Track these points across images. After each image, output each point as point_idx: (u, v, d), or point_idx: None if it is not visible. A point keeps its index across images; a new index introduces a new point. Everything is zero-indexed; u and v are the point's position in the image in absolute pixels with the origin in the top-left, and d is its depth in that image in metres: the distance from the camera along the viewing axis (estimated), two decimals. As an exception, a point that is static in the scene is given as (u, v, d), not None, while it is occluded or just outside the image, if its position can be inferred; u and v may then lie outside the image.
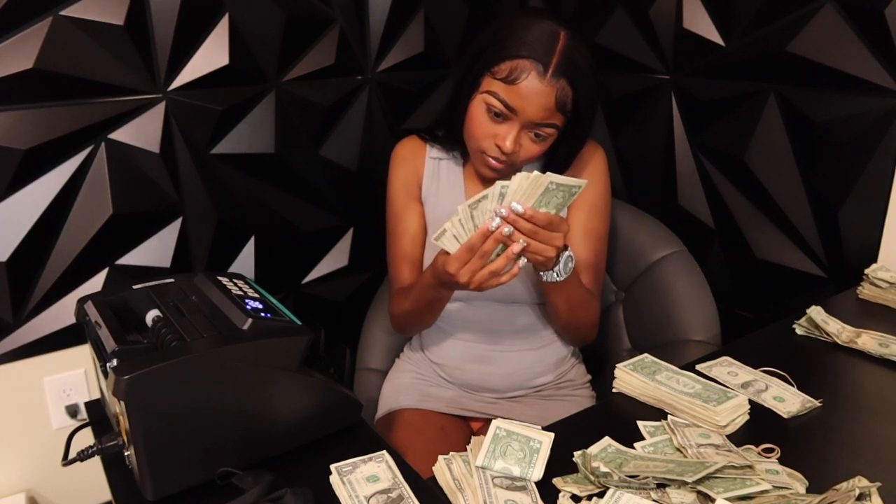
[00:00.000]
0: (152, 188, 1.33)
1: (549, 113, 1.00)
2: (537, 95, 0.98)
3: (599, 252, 1.16)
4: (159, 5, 1.25)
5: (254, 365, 0.77)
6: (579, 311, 1.10)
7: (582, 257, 1.13)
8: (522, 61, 0.98)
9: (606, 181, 1.16)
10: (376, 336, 1.43)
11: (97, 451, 0.80)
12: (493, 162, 1.05)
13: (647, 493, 0.69)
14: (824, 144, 1.25)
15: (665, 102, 1.52)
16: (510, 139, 1.01)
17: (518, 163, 1.05)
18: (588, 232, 1.14)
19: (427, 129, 1.20)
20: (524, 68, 0.97)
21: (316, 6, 1.43)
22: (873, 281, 1.16)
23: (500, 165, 1.05)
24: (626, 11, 1.56)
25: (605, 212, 1.16)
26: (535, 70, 0.97)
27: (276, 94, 1.43)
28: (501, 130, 1.02)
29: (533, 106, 0.98)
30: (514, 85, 0.98)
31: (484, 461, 0.74)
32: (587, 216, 1.14)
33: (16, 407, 1.33)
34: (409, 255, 1.19)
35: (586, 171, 1.14)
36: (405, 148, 1.21)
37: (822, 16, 1.21)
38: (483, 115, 1.03)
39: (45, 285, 1.27)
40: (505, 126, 1.02)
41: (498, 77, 1.00)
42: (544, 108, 0.99)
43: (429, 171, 1.19)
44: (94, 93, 1.22)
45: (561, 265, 0.98)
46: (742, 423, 0.84)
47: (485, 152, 1.05)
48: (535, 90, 0.98)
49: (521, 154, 1.04)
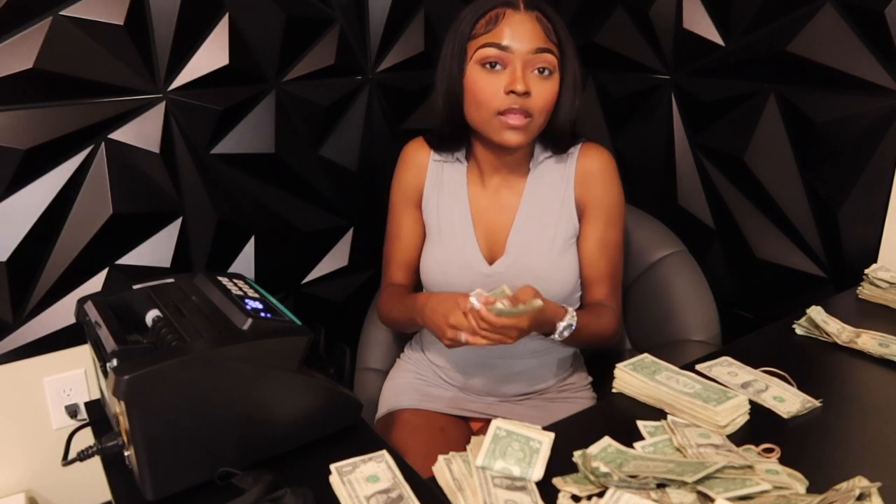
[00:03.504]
0: (152, 188, 1.33)
1: (540, 39, 1.02)
2: (521, 25, 1.01)
3: (616, 262, 1.15)
4: (159, 5, 1.25)
5: (254, 365, 0.77)
6: (591, 341, 1.11)
7: (598, 269, 1.13)
8: (494, 10, 1.03)
9: (620, 189, 1.15)
10: (376, 336, 1.42)
11: (97, 451, 0.80)
12: (512, 119, 1.02)
13: (647, 493, 0.69)
14: (824, 144, 1.25)
15: (665, 102, 1.52)
16: (518, 78, 1.01)
17: (536, 114, 1.03)
18: (604, 244, 1.13)
19: (433, 132, 1.20)
20: (498, 13, 1.03)
21: (316, 6, 1.43)
22: (873, 281, 1.16)
23: (521, 121, 1.02)
24: (626, 11, 1.56)
25: (621, 221, 1.15)
26: (508, 8, 1.03)
27: (276, 94, 1.43)
28: (506, 78, 1.02)
29: (523, 34, 1.01)
30: (497, 27, 1.02)
31: (484, 461, 0.74)
32: (603, 228, 1.13)
33: (16, 407, 1.33)
34: (398, 257, 1.22)
35: (598, 180, 1.12)
36: (410, 151, 1.21)
37: (822, 16, 1.21)
38: (482, 75, 1.03)
39: (45, 285, 1.27)
40: (507, 72, 1.02)
41: (480, 33, 1.03)
42: (533, 35, 1.01)
43: (431, 173, 1.19)
44: (94, 93, 1.22)
45: (556, 334, 1.02)
46: (742, 423, 0.84)
47: (499, 112, 1.03)
48: (517, 21, 1.02)
49: (535, 99, 1.02)
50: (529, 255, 1.11)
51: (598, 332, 1.10)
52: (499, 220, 1.14)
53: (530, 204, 1.13)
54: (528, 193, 1.13)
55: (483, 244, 1.14)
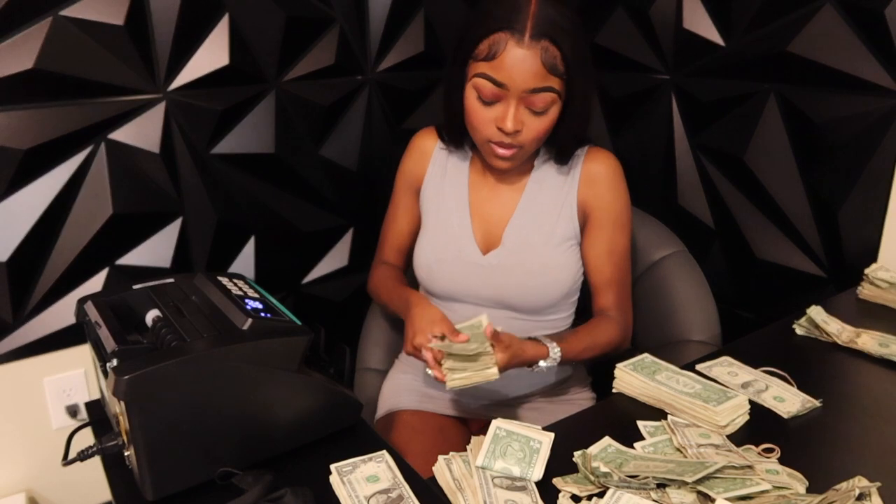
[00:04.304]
0: (152, 188, 1.33)
1: (539, 77, 0.96)
2: (521, 62, 0.95)
3: (623, 268, 1.15)
4: (159, 5, 1.25)
5: (254, 365, 0.77)
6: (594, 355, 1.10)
7: (605, 275, 1.13)
8: (497, 34, 0.96)
9: (627, 196, 1.14)
10: (376, 336, 1.42)
11: (97, 451, 0.80)
12: (501, 150, 1.03)
13: (647, 493, 0.69)
14: (824, 144, 1.25)
15: (665, 102, 1.52)
16: (509, 117, 0.98)
17: (527, 144, 1.03)
18: (611, 251, 1.12)
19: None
20: (500, 40, 0.96)
21: (316, 6, 1.43)
22: (873, 281, 1.16)
23: (509, 152, 1.03)
24: (626, 11, 1.56)
25: (628, 227, 1.15)
26: (511, 39, 0.95)
27: (276, 94, 1.43)
28: (499, 111, 1.00)
29: (520, 74, 0.96)
30: (496, 59, 0.96)
31: (484, 461, 0.74)
32: (611, 234, 1.12)
33: (16, 407, 1.33)
34: (391, 239, 1.26)
35: (606, 186, 1.11)
36: (418, 138, 1.22)
37: (822, 16, 1.21)
38: (476, 103, 1.01)
39: (45, 285, 1.27)
40: (500, 106, 1.00)
41: (480, 58, 0.98)
42: (532, 73, 0.96)
43: (435, 161, 1.19)
44: (94, 93, 1.22)
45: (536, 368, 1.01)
46: (742, 423, 0.84)
47: (490, 140, 1.03)
48: (517, 58, 0.95)
49: (525, 134, 1.01)
50: (524, 249, 1.11)
51: (597, 347, 1.09)
52: (497, 212, 1.14)
53: (531, 200, 1.13)
54: (530, 190, 1.13)
55: (478, 234, 1.14)
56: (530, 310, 1.12)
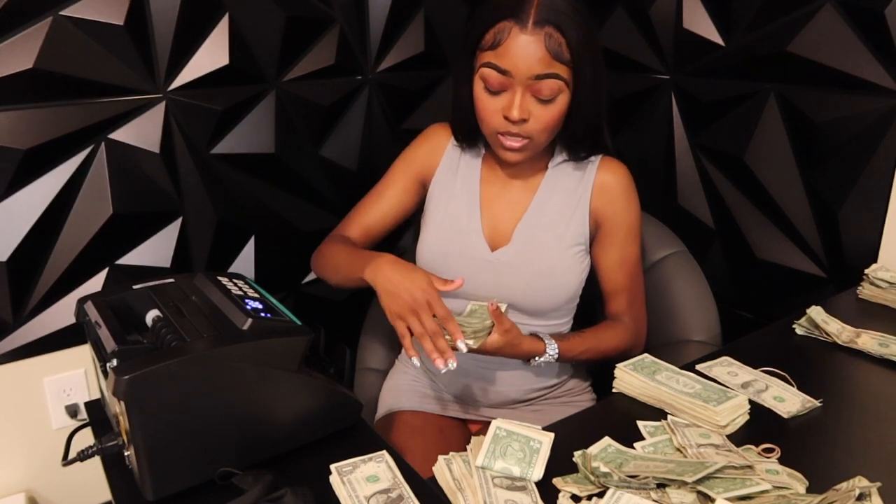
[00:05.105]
0: (152, 188, 1.33)
1: (543, 63, 0.96)
2: (525, 48, 0.95)
3: (635, 275, 1.15)
4: (159, 5, 1.25)
5: (254, 365, 0.77)
6: (600, 357, 1.11)
7: (616, 283, 1.14)
8: (501, 23, 0.97)
9: (638, 206, 1.15)
10: (376, 336, 1.42)
11: (97, 451, 0.80)
12: (509, 141, 1.02)
13: (647, 493, 0.69)
14: (824, 144, 1.25)
15: (665, 102, 1.52)
16: (515, 105, 0.98)
17: (536, 136, 1.02)
18: (623, 260, 1.13)
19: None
20: (504, 28, 0.96)
21: (316, 6, 1.43)
22: (873, 281, 1.16)
23: (517, 143, 1.02)
24: (626, 11, 1.56)
25: (639, 236, 1.16)
26: (515, 26, 0.96)
27: (276, 94, 1.43)
28: (505, 101, 1.00)
29: (524, 60, 0.96)
30: (501, 47, 0.97)
31: (484, 461, 0.74)
32: (623, 244, 1.13)
33: (16, 407, 1.33)
34: (364, 217, 1.21)
35: (619, 198, 1.12)
36: (433, 130, 1.21)
37: (822, 16, 1.21)
38: (483, 94, 1.02)
39: (45, 285, 1.27)
40: (507, 94, 1.00)
41: (486, 48, 0.99)
42: (536, 59, 0.96)
43: (448, 157, 1.18)
44: (94, 93, 1.22)
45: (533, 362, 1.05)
46: (742, 423, 0.84)
47: (498, 131, 1.03)
48: (521, 44, 0.95)
49: (533, 124, 1.00)
50: (533, 248, 1.10)
51: (602, 350, 1.10)
52: (508, 210, 1.13)
53: (544, 200, 1.12)
54: (543, 190, 1.12)
55: (487, 230, 1.13)
56: (533, 310, 1.12)
